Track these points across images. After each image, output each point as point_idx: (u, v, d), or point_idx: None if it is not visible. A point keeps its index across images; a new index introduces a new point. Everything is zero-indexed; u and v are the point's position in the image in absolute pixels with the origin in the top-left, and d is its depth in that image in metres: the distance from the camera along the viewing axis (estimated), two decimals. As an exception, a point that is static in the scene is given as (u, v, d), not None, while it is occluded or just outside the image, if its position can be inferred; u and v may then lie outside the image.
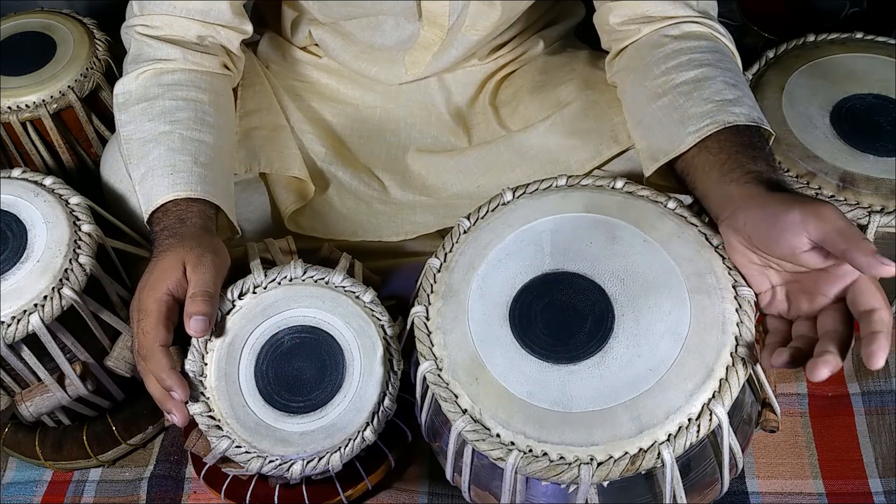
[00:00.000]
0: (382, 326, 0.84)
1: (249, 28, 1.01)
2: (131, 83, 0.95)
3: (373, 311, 0.85)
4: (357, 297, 0.86)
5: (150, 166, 0.89)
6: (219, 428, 0.82)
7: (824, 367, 0.61)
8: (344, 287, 0.87)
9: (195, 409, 0.83)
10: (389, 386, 0.82)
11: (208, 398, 0.83)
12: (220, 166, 0.92)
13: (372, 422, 0.81)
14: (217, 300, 0.81)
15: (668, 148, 0.84)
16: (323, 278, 0.87)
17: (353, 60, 1.12)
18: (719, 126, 0.80)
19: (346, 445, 0.81)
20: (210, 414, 0.83)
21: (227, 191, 0.92)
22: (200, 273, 0.80)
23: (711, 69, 0.86)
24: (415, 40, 1.06)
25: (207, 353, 0.85)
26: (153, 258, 0.83)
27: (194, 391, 0.82)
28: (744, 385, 0.70)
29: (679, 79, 0.87)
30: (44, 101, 1.17)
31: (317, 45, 1.16)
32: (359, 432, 0.81)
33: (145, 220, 0.89)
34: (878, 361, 0.61)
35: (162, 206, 0.87)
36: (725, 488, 0.77)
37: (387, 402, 0.82)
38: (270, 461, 0.81)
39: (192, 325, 0.78)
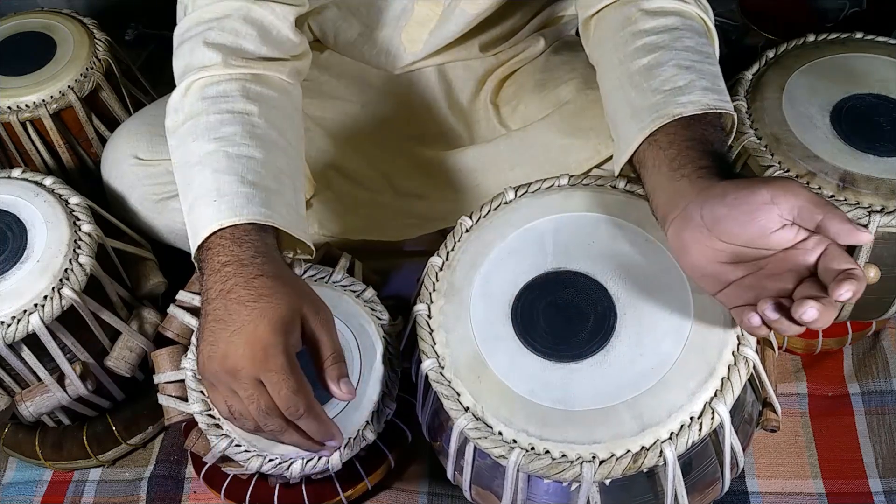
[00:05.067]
0: (382, 325, 0.84)
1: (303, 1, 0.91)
2: (176, 100, 0.85)
3: (373, 309, 0.85)
4: (357, 296, 0.86)
5: (196, 194, 0.79)
6: (218, 427, 0.82)
7: (811, 306, 0.59)
8: (344, 286, 0.87)
9: (195, 408, 0.83)
10: (389, 385, 0.82)
11: (208, 397, 0.83)
12: (277, 181, 0.81)
13: (372, 421, 0.81)
14: None
15: (623, 146, 0.80)
16: (323, 277, 0.87)
17: (352, 46, 1.12)
18: (665, 120, 0.76)
19: (346, 445, 0.81)
20: (209, 413, 0.83)
21: (291, 207, 0.82)
22: (331, 331, 0.75)
23: (664, 52, 0.81)
24: (409, 14, 1.06)
25: (207, 352, 0.85)
26: (244, 299, 0.72)
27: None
28: (745, 384, 0.70)
29: (632, 68, 0.82)
30: (44, 101, 1.17)
31: (317, 40, 1.16)
32: (358, 432, 0.81)
33: (193, 255, 0.79)
34: (845, 293, 0.60)
35: (216, 233, 0.76)
36: (726, 488, 0.77)
37: (387, 401, 0.82)
38: (270, 460, 0.81)
39: (345, 390, 0.74)
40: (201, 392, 0.84)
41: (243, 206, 0.77)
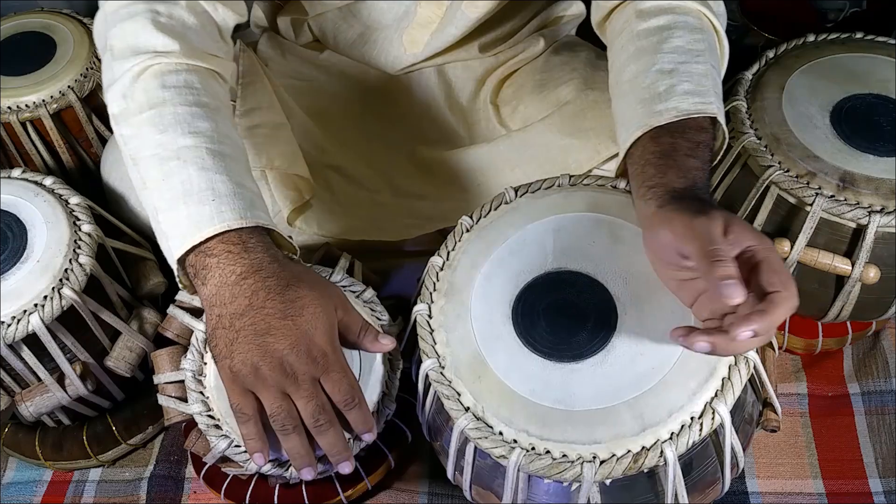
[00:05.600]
0: (382, 326, 0.84)
1: (244, 10, 0.91)
2: (128, 87, 0.80)
3: (373, 310, 0.85)
4: (357, 297, 0.86)
5: (181, 191, 0.76)
6: (218, 427, 0.82)
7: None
8: (343, 286, 0.86)
9: (194, 408, 0.83)
10: (389, 386, 0.82)
11: (207, 398, 0.83)
12: (254, 183, 0.81)
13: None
14: None
15: (619, 157, 0.82)
16: (322, 277, 0.86)
17: (352, 47, 1.12)
18: (639, 132, 0.78)
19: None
20: (209, 413, 0.83)
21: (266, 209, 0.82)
22: (350, 310, 0.78)
23: (649, 58, 0.82)
24: (412, 17, 1.06)
25: (207, 352, 0.85)
26: (287, 297, 0.73)
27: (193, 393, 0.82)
28: (746, 384, 0.70)
29: (623, 78, 0.84)
30: (44, 101, 1.17)
31: (317, 41, 1.16)
32: (353, 442, 0.81)
33: (177, 257, 0.76)
34: (742, 334, 0.61)
35: (218, 236, 0.75)
36: (727, 488, 0.77)
37: (387, 401, 0.82)
38: (270, 461, 0.81)
39: (388, 342, 0.78)
40: (201, 393, 0.83)
41: (246, 208, 0.76)
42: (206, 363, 0.85)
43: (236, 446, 0.81)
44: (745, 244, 0.65)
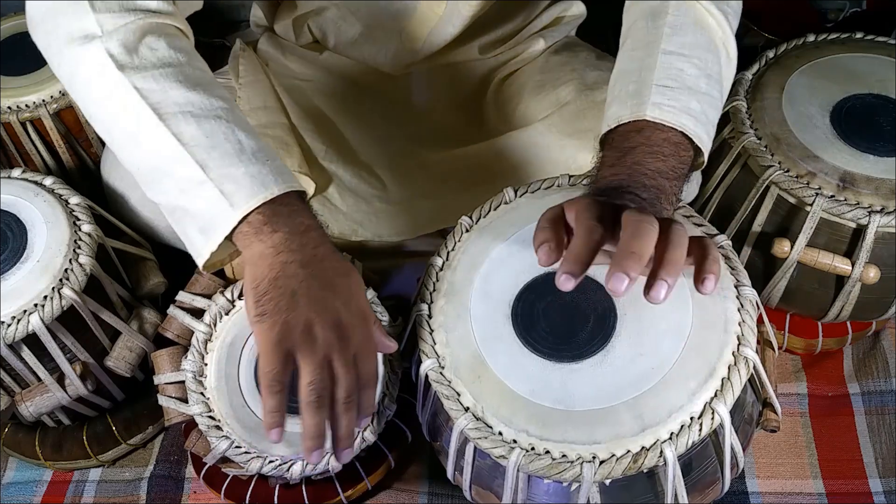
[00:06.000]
0: (383, 326, 0.84)
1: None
2: (130, 40, 0.75)
3: (373, 311, 0.85)
4: (357, 297, 0.86)
5: (232, 150, 0.74)
6: (218, 428, 0.82)
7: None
8: (344, 287, 0.86)
9: (195, 409, 0.83)
10: (389, 386, 0.82)
11: (208, 398, 0.83)
12: None
13: (372, 422, 0.81)
14: None
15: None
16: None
17: (351, 46, 1.12)
18: (602, 132, 0.79)
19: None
20: (210, 414, 0.83)
21: None
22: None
23: (626, 58, 0.82)
24: (412, 13, 1.06)
25: (207, 353, 0.85)
26: (339, 270, 0.74)
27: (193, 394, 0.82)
28: (745, 384, 0.70)
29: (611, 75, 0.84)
30: (44, 101, 1.17)
31: (317, 41, 1.16)
32: (358, 433, 0.81)
33: (246, 211, 0.72)
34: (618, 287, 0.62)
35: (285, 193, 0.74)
36: (726, 488, 0.77)
37: (387, 402, 0.82)
38: (270, 461, 0.81)
39: (392, 342, 0.78)
40: (202, 394, 0.84)
41: (290, 172, 0.77)
42: (206, 364, 0.85)
43: (237, 447, 0.81)
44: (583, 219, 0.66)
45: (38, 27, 0.80)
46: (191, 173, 0.73)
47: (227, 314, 0.86)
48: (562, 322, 0.72)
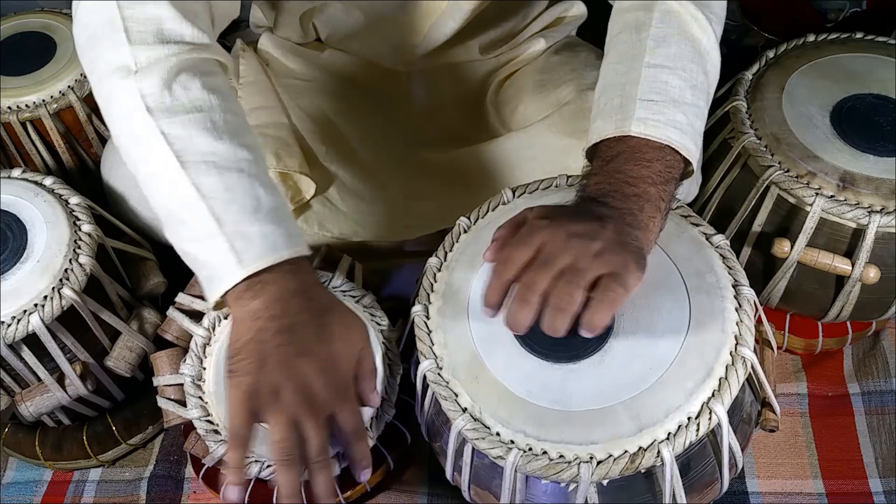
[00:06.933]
0: (382, 330, 0.84)
1: (236, 8, 0.88)
2: (166, 79, 0.74)
3: (372, 315, 0.85)
4: (356, 301, 0.86)
5: (249, 206, 0.74)
6: (217, 433, 0.82)
7: None
8: (343, 290, 0.86)
9: (193, 413, 0.83)
10: (388, 389, 0.82)
11: (206, 402, 0.83)
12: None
13: (370, 426, 0.81)
14: None
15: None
16: (322, 281, 0.86)
17: (353, 41, 1.12)
18: (587, 146, 0.79)
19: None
20: (208, 418, 0.83)
21: None
22: (370, 350, 0.80)
23: (611, 71, 0.82)
24: (415, 6, 1.06)
25: (206, 357, 0.85)
26: (313, 337, 0.73)
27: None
28: (743, 384, 0.70)
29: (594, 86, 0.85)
30: (44, 101, 1.17)
31: (317, 40, 1.16)
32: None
33: (253, 271, 0.73)
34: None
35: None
36: (725, 488, 0.77)
37: (386, 406, 0.82)
38: (268, 465, 0.81)
39: (375, 399, 0.79)
40: (200, 398, 0.84)
41: (300, 232, 0.78)
42: (205, 368, 0.85)
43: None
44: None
45: (83, 53, 0.80)
46: (205, 225, 0.74)
47: (225, 318, 0.86)
48: (560, 322, 0.72)
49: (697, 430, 0.66)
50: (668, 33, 0.79)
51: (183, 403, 0.85)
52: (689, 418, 0.67)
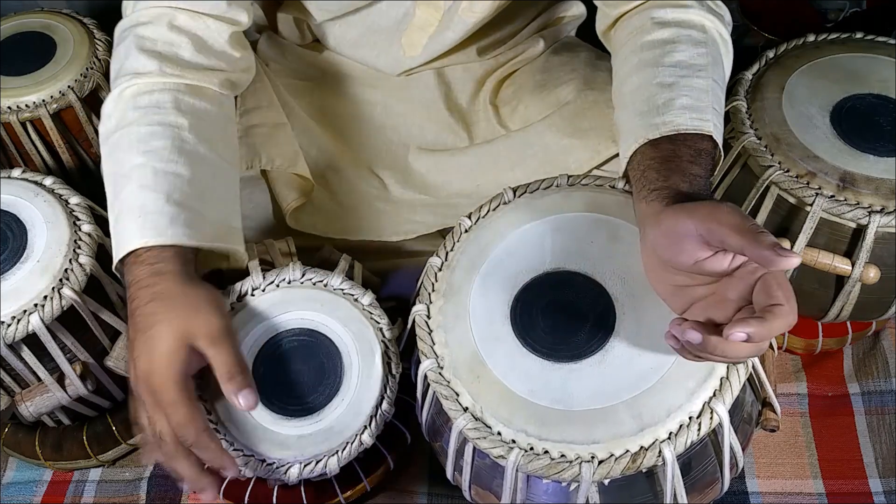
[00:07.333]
0: (381, 329, 0.84)
1: (243, 18, 0.91)
2: (110, 106, 0.86)
3: (371, 314, 0.85)
4: (356, 300, 0.86)
5: (121, 207, 0.81)
6: (217, 431, 0.82)
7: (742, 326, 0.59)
8: (343, 290, 0.86)
9: None
10: (388, 389, 0.82)
11: (206, 401, 0.83)
12: (201, 200, 0.83)
13: (370, 425, 0.81)
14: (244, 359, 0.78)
15: (621, 166, 0.82)
16: (322, 281, 0.86)
17: (352, 48, 1.12)
18: (639, 143, 0.77)
19: (344, 449, 0.80)
20: (208, 418, 0.82)
21: (219, 223, 0.85)
22: (220, 347, 0.76)
23: (650, 71, 0.82)
24: (410, 20, 1.06)
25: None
26: (139, 326, 0.76)
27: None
28: (744, 384, 0.70)
29: (625, 88, 0.84)
30: (44, 101, 1.17)
31: (317, 40, 1.16)
32: (356, 436, 0.81)
33: (114, 266, 0.82)
34: (736, 334, 0.59)
35: (133, 251, 0.79)
36: (726, 488, 0.77)
37: (385, 405, 0.82)
38: (268, 464, 0.81)
39: (244, 403, 0.75)
40: (199, 397, 0.83)
41: (167, 226, 0.79)
42: (203, 367, 0.85)
43: (236, 450, 0.81)
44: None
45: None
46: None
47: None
48: (561, 322, 0.72)
49: (699, 429, 0.67)
50: (682, 35, 0.84)
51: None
52: (690, 418, 0.67)
